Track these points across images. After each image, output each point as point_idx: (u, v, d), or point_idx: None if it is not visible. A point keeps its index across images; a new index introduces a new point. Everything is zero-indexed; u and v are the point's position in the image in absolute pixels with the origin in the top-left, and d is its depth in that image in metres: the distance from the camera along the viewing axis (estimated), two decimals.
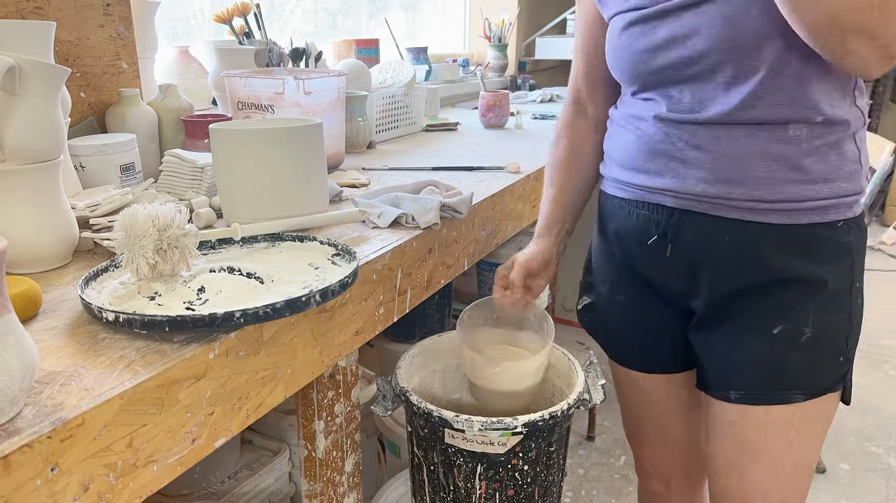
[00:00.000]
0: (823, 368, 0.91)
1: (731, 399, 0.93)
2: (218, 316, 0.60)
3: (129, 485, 0.54)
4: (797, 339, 0.89)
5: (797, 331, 0.89)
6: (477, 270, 1.76)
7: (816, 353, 0.89)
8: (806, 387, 0.90)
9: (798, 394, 0.90)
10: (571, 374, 1.05)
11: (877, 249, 3.95)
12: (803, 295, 0.88)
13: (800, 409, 0.91)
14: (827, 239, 0.87)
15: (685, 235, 0.92)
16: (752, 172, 0.85)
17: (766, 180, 0.85)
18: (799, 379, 0.90)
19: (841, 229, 0.87)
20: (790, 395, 0.90)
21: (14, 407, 0.48)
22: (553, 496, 1.04)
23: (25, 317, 0.64)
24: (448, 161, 1.44)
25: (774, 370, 0.90)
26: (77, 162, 1.00)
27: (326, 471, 0.90)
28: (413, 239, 0.93)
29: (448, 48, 3.06)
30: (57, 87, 0.77)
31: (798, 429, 0.91)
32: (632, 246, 0.99)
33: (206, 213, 0.95)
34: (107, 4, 1.15)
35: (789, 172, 0.84)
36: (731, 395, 0.93)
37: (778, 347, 0.89)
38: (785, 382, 0.90)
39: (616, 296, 1.04)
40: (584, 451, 2.08)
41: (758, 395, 0.92)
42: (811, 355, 0.89)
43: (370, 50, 2.00)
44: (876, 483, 1.92)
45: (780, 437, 0.92)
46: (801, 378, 0.90)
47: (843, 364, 0.92)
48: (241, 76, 1.22)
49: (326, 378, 0.86)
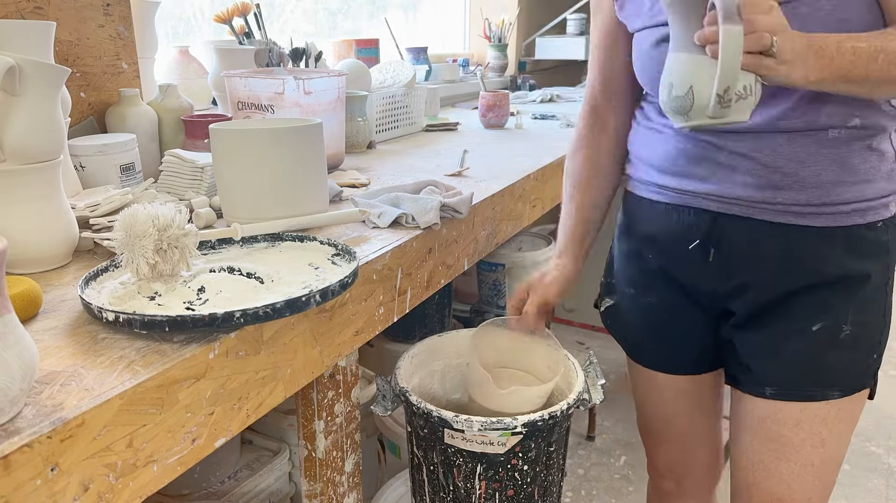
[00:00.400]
0: (860, 365, 0.92)
1: (767, 395, 0.94)
2: (218, 316, 0.60)
3: (129, 485, 0.54)
4: (836, 337, 0.90)
5: (836, 329, 0.90)
6: (477, 270, 1.76)
7: (854, 350, 0.91)
8: (843, 384, 0.91)
9: (836, 392, 0.91)
10: (571, 374, 1.05)
11: None
12: (844, 293, 0.89)
13: (835, 407, 0.92)
14: (868, 239, 0.88)
15: (729, 240, 0.92)
16: (797, 177, 0.86)
17: (811, 184, 0.86)
18: (838, 376, 0.91)
19: (880, 229, 0.89)
20: (828, 393, 0.91)
21: (14, 407, 0.48)
22: (553, 496, 1.04)
23: (25, 317, 0.64)
24: (448, 161, 1.44)
25: (813, 367, 0.91)
26: (77, 162, 1.00)
27: (326, 471, 0.90)
28: (413, 239, 0.93)
29: (448, 48, 3.06)
30: (57, 87, 0.77)
31: (831, 427, 0.92)
32: (669, 249, 0.98)
33: (206, 213, 0.95)
34: (107, 4, 1.15)
35: (833, 175, 0.85)
36: (767, 392, 0.94)
37: (817, 345, 0.90)
38: (823, 380, 0.91)
39: (645, 298, 1.04)
40: (584, 451, 2.08)
41: (794, 393, 0.92)
42: (849, 352, 0.90)
43: (370, 50, 2.00)
44: (876, 483, 1.92)
45: (812, 435, 0.92)
46: (840, 375, 0.91)
47: (876, 360, 0.93)
48: (241, 76, 1.22)
49: (326, 378, 0.86)
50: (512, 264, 1.67)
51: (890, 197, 0.89)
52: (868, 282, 0.89)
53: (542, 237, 1.83)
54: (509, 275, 1.68)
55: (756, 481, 0.97)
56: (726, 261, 0.93)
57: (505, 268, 1.68)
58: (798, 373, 0.92)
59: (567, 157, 1.09)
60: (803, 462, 0.94)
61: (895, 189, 0.89)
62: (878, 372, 0.94)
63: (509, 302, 1.09)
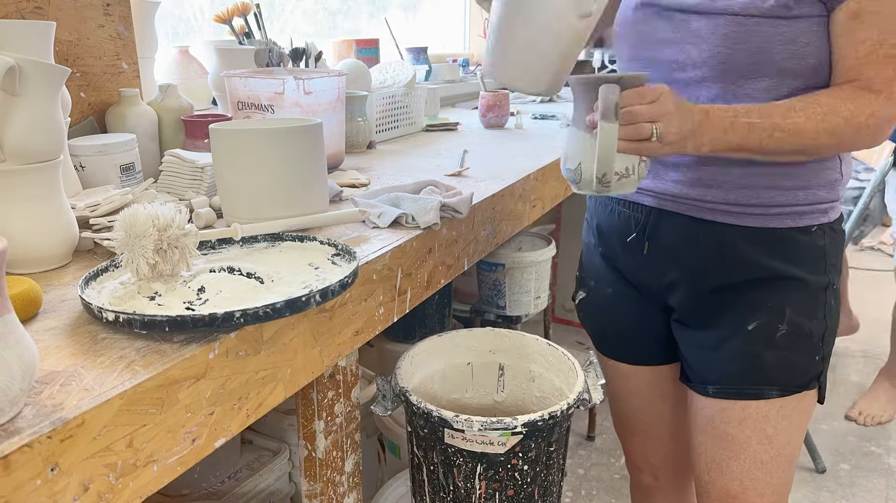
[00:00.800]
0: (798, 366, 0.93)
1: (709, 393, 0.96)
2: (218, 316, 0.60)
3: (129, 485, 0.54)
4: (773, 336, 0.91)
5: (772, 328, 0.91)
6: (477, 270, 1.76)
7: (791, 351, 0.92)
8: (781, 383, 0.92)
9: (773, 391, 0.92)
10: (571, 374, 1.05)
11: (877, 249, 3.94)
12: (779, 293, 0.91)
13: (775, 405, 0.93)
14: (802, 242, 0.90)
15: (662, 234, 0.95)
16: (728, 177, 0.88)
17: (742, 185, 0.88)
18: (774, 375, 0.92)
19: (815, 234, 0.90)
20: (766, 391, 0.92)
21: (14, 407, 0.48)
22: (553, 496, 1.04)
23: (25, 317, 0.64)
24: (448, 161, 1.44)
25: (749, 366, 0.92)
26: (77, 162, 1.00)
27: (326, 471, 0.90)
28: (413, 239, 0.93)
29: (448, 48, 3.06)
30: (57, 87, 0.77)
31: (775, 424, 0.93)
32: (613, 243, 1.03)
33: (206, 212, 0.95)
34: (107, 4, 1.15)
35: (765, 179, 0.87)
36: (709, 390, 0.96)
37: (754, 343, 0.92)
38: (760, 378, 0.92)
39: (604, 289, 1.08)
40: (584, 451, 2.08)
41: (734, 391, 0.94)
42: (787, 352, 0.92)
43: (370, 50, 2.00)
44: (876, 483, 1.92)
45: (757, 432, 0.94)
46: (776, 374, 0.92)
47: (818, 363, 0.94)
48: (241, 76, 1.22)
49: (326, 378, 0.86)
50: (512, 264, 1.67)
51: (829, 204, 0.90)
52: (804, 285, 0.90)
53: (542, 237, 1.83)
54: (509, 276, 1.68)
55: (711, 480, 1.00)
56: (660, 255, 0.97)
57: (505, 268, 1.68)
58: (736, 371, 0.93)
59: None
60: (752, 459, 0.95)
61: (835, 198, 0.91)
62: (823, 375, 0.95)
63: None
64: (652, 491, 1.21)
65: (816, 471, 1.96)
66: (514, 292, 1.70)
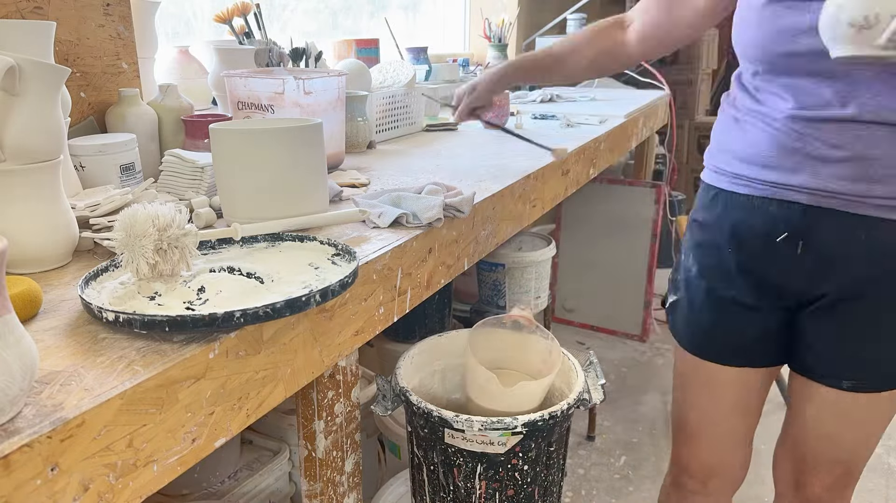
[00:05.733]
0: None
1: (843, 387, 0.98)
2: (218, 316, 0.60)
3: (129, 485, 0.54)
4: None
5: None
6: (477, 270, 1.76)
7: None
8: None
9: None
10: (571, 374, 1.05)
11: None
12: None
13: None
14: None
15: (820, 233, 0.91)
16: (894, 170, 0.84)
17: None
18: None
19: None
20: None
21: (14, 407, 0.48)
22: (553, 496, 1.04)
23: (25, 317, 0.64)
24: (448, 161, 1.44)
25: (889, 367, 0.95)
26: (77, 162, 1.00)
27: (326, 471, 0.90)
28: (413, 239, 0.93)
29: (448, 48, 3.06)
30: (57, 87, 0.77)
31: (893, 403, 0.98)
32: (752, 243, 0.97)
33: (206, 212, 0.95)
34: (107, 4, 1.15)
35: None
36: (844, 384, 0.98)
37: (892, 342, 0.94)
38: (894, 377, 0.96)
39: (719, 291, 1.03)
40: (584, 451, 2.08)
41: (870, 385, 0.96)
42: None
43: (370, 50, 2.00)
44: (876, 483, 1.92)
45: (883, 412, 0.99)
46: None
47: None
48: (241, 76, 1.22)
49: (326, 378, 0.86)
50: (512, 264, 1.67)
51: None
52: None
53: (542, 237, 1.83)
54: (509, 276, 1.68)
55: (820, 450, 1.03)
56: (815, 254, 0.92)
57: (505, 268, 1.68)
58: (876, 371, 0.96)
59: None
60: (868, 433, 1.00)
61: None
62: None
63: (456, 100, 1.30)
64: (694, 496, 1.18)
65: None
66: (514, 292, 1.70)
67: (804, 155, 0.88)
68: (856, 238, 0.89)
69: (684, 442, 1.17)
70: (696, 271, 1.06)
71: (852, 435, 1.01)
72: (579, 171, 1.56)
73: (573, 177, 1.54)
